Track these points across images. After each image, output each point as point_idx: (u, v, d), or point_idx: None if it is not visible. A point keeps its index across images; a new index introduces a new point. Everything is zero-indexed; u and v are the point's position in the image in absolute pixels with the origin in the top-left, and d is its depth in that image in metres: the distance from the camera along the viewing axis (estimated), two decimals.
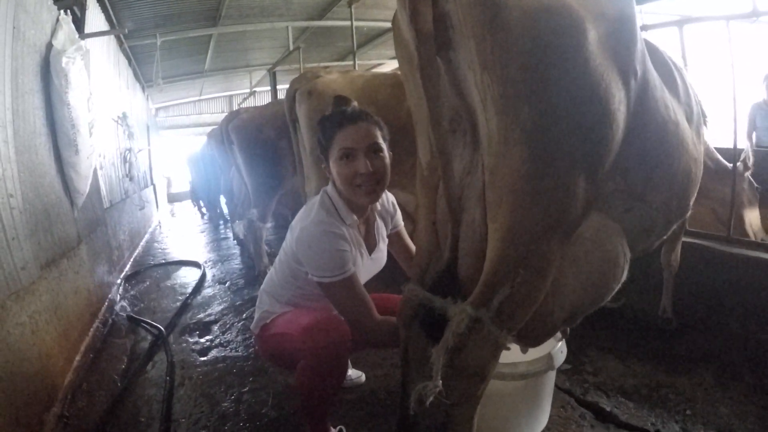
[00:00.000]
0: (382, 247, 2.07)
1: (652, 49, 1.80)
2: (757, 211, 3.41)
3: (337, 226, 1.77)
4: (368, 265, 1.97)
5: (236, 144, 4.46)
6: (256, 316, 2.05)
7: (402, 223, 2.17)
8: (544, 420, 2.05)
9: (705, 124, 2.61)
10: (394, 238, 2.14)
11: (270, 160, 4.29)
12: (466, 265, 1.40)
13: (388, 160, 1.80)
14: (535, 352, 1.77)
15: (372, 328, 1.76)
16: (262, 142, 4.29)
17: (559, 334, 1.92)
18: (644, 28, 3.43)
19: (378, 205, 2.01)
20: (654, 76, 1.49)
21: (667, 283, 2.89)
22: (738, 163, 3.13)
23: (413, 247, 2.04)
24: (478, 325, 1.20)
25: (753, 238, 3.27)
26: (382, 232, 2.07)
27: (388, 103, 2.97)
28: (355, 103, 1.91)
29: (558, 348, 1.90)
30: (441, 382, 1.22)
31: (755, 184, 3.35)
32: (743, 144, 5.02)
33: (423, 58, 1.27)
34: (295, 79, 3.33)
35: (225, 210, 8.72)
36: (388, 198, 2.11)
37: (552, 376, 1.98)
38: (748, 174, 3.26)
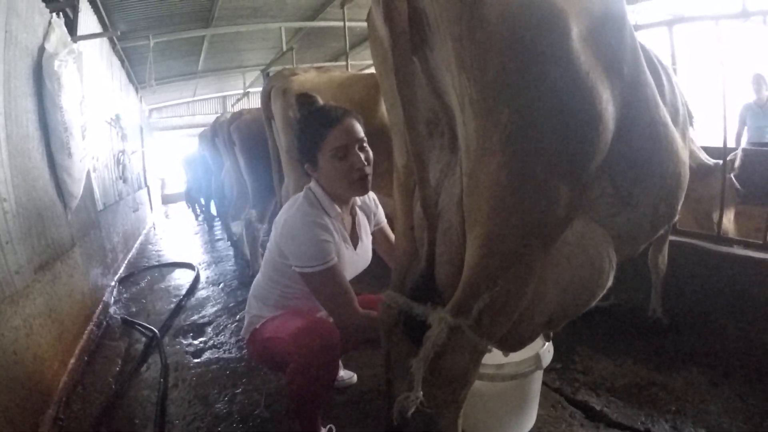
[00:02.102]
0: (366, 241, 2.10)
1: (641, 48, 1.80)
2: (732, 211, 3.44)
3: (320, 216, 1.82)
4: (354, 260, 1.99)
5: (238, 144, 4.47)
6: (245, 321, 2.06)
7: (385, 220, 2.20)
8: (532, 419, 2.07)
9: (691, 126, 2.63)
10: (378, 234, 2.17)
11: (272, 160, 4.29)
12: (444, 271, 1.38)
13: (371, 153, 1.87)
14: (522, 353, 1.78)
15: (354, 321, 1.78)
16: (264, 143, 4.29)
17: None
18: (635, 28, 3.44)
19: (358, 200, 2.06)
20: (645, 74, 1.44)
21: (656, 285, 2.91)
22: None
23: None
24: (458, 333, 1.18)
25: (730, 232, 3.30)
26: (365, 227, 2.10)
27: (365, 103, 2.98)
28: (319, 99, 1.95)
29: (545, 348, 1.92)
30: (422, 393, 1.21)
31: (737, 185, 3.37)
32: (733, 144, 5.08)
33: (398, 57, 1.22)
34: (271, 77, 3.35)
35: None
36: (369, 194, 2.14)
37: (539, 375, 1.99)
38: (731, 175, 3.28)
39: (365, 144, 1.84)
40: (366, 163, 1.80)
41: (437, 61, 1.23)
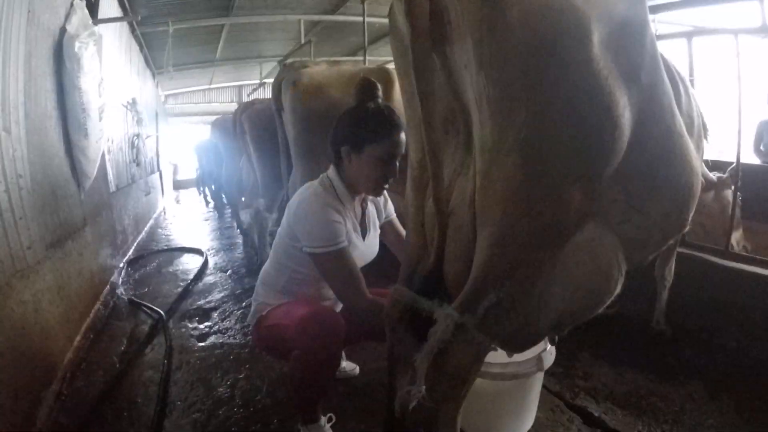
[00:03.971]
0: (374, 234, 2.12)
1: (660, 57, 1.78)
2: (740, 222, 3.44)
3: (333, 201, 1.85)
4: (361, 250, 2.00)
5: (248, 134, 4.48)
6: (252, 307, 2.09)
7: (394, 214, 2.22)
8: (530, 421, 2.08)
9: (706, 138, 2.62)
10: (388, 227, 2.19)
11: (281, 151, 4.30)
12: (452, 269, 1.38)
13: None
14: (524, 354, 1.78)
15: (362, 304, 1.80)
16: (274, 133, 4.29)
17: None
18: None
19: None
20: (663, 83, 1.42)
21: (661, 296, 2.90)
22: (725, 175, 3.18)
23: None
24: (463, 331, 1.19)
25: (737, 248, 3.30)
26: (374, 219, 2.13)
27: None
28: (380, 90, 1.93)
29: (548, 350, 1.93)
30: (424, 387, 1.23)
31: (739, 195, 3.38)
32: (753, 158, 5.07)
33: (418, 54, 1.21)
34: (282, 69, 3.36)
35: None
36: None
37: (540, 377, 2.01)
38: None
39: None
40: (395, 176, 1.85)
41: (456, 59, 1.22)
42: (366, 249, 2.04)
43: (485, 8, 1.08)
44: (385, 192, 2.17)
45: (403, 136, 1.81)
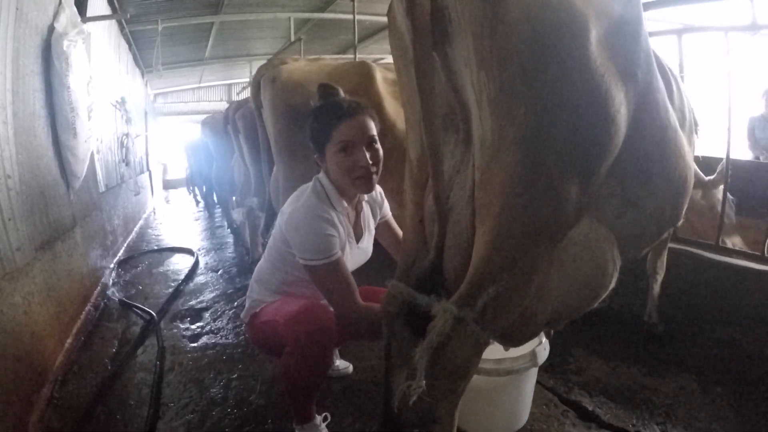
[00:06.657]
0: (368, 237, 2.10)
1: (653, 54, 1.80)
2: (735, 227, 3.48)
3: (327, 211, 1.82)
4: (355, 254, 2.00)
5: (242, 132, 4.45)
6: (246, 304, 2.08)
7: (390, 213, 2.20)
8: (524, 416, 2.09)
9: (696, 134, 2.64)
10: (383, 227, 2.18)
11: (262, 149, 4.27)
12: (451, 264, 1.38)
13: (381, 152, 1.85)
14: (519, 349, 1.79)
15: (355, 313, 1.79)
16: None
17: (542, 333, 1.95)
18: None
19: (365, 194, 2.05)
20: (657, 79, 1.45)
21: (653, 290, 2.92)
22: (715, 176, 3.21)
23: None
24: (462, 325, 1.19)
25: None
26: (369, 222, 2.11)
27: (355, 92, 2.95)
28: (341, 91, 1.93)
29: (542, 345, 1.94)
30: (424, 382, 1.23)
31: (730, 196, 3.41)
32: (746, 154, 5.10)
33: (418, 52, 1.21)
34: (261, 66, 3.32)
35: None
36: (376, 188, 2.14)
37: (534, 373, 2.02)
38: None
39: (375, 143, 1.83)
40: (371, 162, 1.79)
41: (456, 57, 1.23)
42: (359, 252, 2.04)
43: (486, 7, 1.09)
44: (382, 192, 2.16)
45: (359, 118, 1.78)
